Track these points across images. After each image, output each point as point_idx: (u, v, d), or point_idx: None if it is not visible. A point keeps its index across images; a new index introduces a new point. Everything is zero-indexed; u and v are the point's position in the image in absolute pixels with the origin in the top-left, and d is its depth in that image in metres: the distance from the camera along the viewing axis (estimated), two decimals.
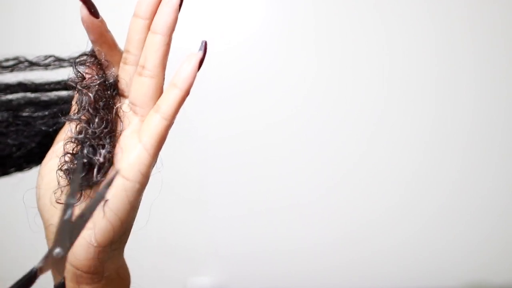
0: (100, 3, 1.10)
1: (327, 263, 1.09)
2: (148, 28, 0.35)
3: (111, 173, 0.35)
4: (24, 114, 0.40)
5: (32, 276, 0.30)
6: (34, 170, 0.40)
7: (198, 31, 1.05)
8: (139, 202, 0.36)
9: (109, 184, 0.31)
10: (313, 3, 1.06)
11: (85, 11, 0.34)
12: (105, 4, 1.00)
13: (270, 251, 1.09)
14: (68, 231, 0.31)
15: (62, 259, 0.31)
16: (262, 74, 1.06)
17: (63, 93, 0.42)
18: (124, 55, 0.36)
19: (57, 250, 0.31)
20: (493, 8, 1.07)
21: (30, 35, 1.02)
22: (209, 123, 1.07)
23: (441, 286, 1.09)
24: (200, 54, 0.35)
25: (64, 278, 0.32)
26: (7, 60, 0.39)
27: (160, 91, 0.35)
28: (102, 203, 0.33)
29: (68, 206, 0.31)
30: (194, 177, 1.08)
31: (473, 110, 1.09)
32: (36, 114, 0.40)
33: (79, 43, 0.38)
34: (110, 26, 0.38)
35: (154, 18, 0.35)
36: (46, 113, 0.40)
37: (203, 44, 0.35)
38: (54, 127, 0.40)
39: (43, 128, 0.40)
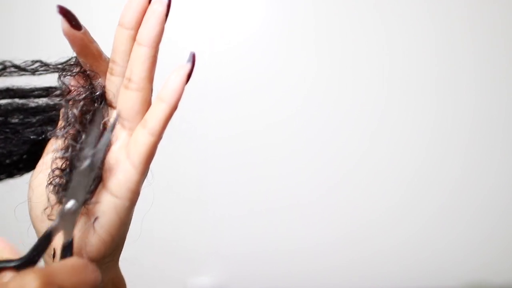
0: (100, 3, 1.09)
1: (327, 263, 1.09)
2: (134, 39, 0.34)
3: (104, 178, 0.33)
4: (12, 121, 0.38)
5: (47, 238, 0.30)
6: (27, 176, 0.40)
7: (198, 31, 1.05)
8: (131, 217, 0.35)
9: (112, 128, 0.31)
10: (313, 3, 1.06)
11: (65, 24, 0.32)
12: (106, 3, 1.00)
13: (270, 251, 1.09)
14: (81, 182, 0.30)
15: (75, 213, 0.30)
16: (261, 74, 1.06)
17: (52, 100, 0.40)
18: (110, 65, 0.35)
19: (71, 203, 0.30)
20: (493, 8, 1.07)
21: (29, 36, 1.02)
22: (208, 123, 1.07)
23: (441, 286, 1.09)
24: (189, 66, 0.32)
25: (73, 237, 0.30)
26: None
27: (148, 104, 0.34)
28: (107, 153, 0.33)
29: (85, 157, 0.30)
30: (194, 177, 1.08)
31: (474, 110, 1.09)
32: (24, 121, 0.39)
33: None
34: (110, 27, 0.37)
35: (140, 28, 0.33)
36: (34, 120, 0.39)
37: (192, 56, 0.33)
38: (43, 136, 0.38)
39: (32, 136, 0.38)
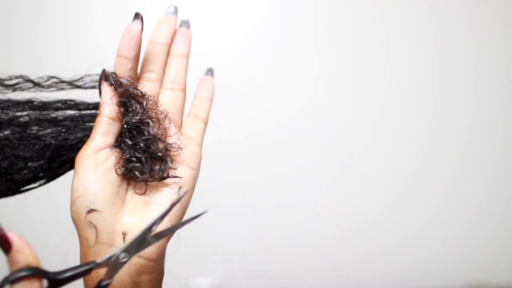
0: (101, 4, 1.08)
1: (327, 263, 1.09)
2: (167, 53, 0.44)
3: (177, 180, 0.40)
4: (33, 128, 0.40)
5: (88, 269, 0.32)
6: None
7: (198, 31, 1.04)
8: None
9: (192, 219, 0.37)
10: (313, 3, 1.06)
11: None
12: (106, 4, 1.00)
13: (270, 251, 1.09)
14: (141, 242, 0.34)
15: (123, 264, 0.34)
16: (261, 74, 1.06)
17: (70, 112, 0.42)
18: (145, 74, 0.42)
19: (123, 255, 0.34)
20: (493, 8, 1.07)
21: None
22: (207, 123, 1.06)
23: (441, 286, 1.09)
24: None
25: (112, 280, 0.34)
26: (10, 78, 0.40)
27: (184, 100, 0.45)
28: (179, 229, 0.38)
29: (154, 223, 0.35)
30: None
31: (473, 109, 1.09)
32: (45, 129, 0.41)
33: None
34: (111, 27, 0.38)
35: (177, 45, 0.44)
36: (55, 129, 0.41)
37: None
38: (64, 142, 0.40)
39: (53, 141, 0.40)
